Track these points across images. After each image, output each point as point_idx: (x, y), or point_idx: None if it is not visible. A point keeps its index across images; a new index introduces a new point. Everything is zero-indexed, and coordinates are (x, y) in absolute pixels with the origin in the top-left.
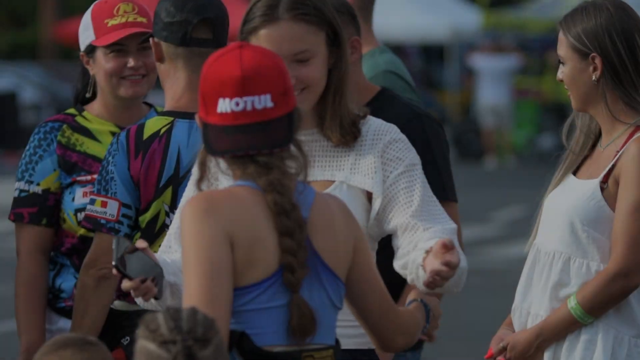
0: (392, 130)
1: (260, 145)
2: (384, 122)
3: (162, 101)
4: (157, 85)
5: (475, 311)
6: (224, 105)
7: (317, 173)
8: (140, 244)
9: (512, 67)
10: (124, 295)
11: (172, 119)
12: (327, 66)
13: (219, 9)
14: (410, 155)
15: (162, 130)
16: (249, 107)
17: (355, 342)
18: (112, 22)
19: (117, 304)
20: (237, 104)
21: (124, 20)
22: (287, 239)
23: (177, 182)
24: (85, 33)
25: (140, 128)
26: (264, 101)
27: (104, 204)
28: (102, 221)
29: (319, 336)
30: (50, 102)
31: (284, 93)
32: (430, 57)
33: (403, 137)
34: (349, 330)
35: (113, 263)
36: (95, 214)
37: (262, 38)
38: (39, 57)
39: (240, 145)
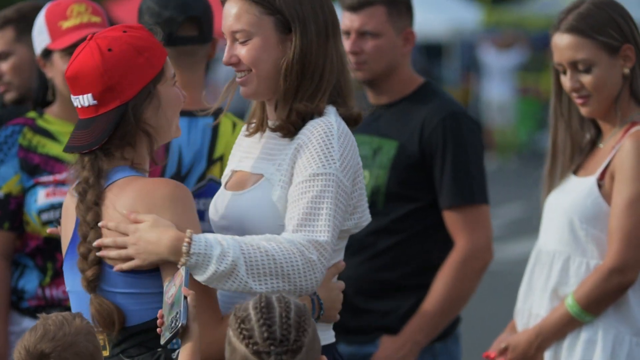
0: (312, 131)
1: (84, 145)
2: (317, 121)
3: None
4: None
5: (476, 310)
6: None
7: (252, 163)
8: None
9: (517, 64)
10: None
11: None
12: (278, 52)
13: (204, 4)
14: (316, 165)
15: None
16: (79, 105)
17: None
18: (66, 25)
19: None
20: (75, 101)
21: (78, 21)
22: None
23: (180, 181)
24: (40, 37)
25: None
26: (87, 100)
27: None
28: None
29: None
30: None
31: (109, 89)
32: (430, 54)
33: (319, 136)
34: None
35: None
36: None
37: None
38: None
39: (74, 145)
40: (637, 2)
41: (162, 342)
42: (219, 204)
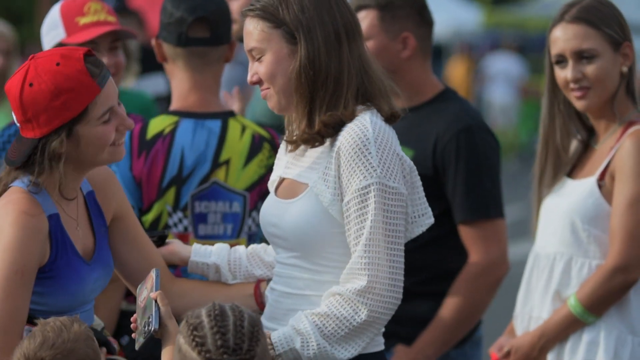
0: (347, 138)
1: (10, 161)
2: (352, 127)
3: None
4: None
5: None
6: None
7: (298, 171)
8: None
9: (519, 65)
10: (126, 295)
11: (177, 118)
12: (290, 64)
13: (217, 6)
14: (357, 178)
15: (167, 130)
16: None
17: None
18: (84, 21)
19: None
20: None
21: (95, 19)
22: None
23: (181, 182)
24: (53, 32)
25: (144, 127)
26: (15, 119)
27: None
28: None
29: None
30: None
31: (27, 121)
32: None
33: (355, 145)
34: None
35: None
36: None
37: None
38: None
39: (7, 156)
40: (637, 3)
41: (137, 347)
42: (269, 211)
